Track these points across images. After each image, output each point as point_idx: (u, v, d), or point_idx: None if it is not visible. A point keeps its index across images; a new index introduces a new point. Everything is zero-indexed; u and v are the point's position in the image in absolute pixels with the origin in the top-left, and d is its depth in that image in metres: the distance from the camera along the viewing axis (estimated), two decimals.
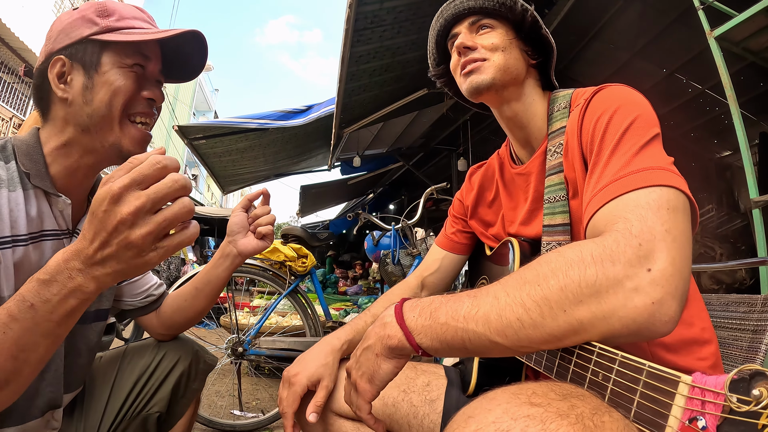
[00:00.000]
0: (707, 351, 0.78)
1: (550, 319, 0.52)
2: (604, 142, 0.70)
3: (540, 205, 0.88)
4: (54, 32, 0.83)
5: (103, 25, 0.81)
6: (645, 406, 0.42)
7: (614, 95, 0.76)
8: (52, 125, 0.83)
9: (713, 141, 5.04)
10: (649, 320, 0.50)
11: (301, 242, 2.55)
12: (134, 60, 0.83)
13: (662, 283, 0.50)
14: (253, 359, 2.31)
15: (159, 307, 1.08)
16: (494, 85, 0.88)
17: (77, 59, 0.80)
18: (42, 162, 0.80)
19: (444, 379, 0.97)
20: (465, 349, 0.57)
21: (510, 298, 0.54)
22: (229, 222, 1.05)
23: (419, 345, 0.60)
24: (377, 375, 0.65)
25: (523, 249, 0.88)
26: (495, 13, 0.90)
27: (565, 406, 0.42)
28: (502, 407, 0.43)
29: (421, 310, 0.61)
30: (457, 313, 0.57)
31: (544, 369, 0.59)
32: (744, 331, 0.98)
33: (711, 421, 0.36)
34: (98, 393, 0.99)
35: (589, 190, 0.68)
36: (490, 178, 1.08)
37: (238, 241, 1.04)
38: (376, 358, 0.65)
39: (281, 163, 7.97)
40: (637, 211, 0.56)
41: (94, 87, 0.80)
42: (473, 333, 0.55)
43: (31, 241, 0.77)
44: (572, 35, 3.89)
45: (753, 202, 1.69)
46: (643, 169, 0.61)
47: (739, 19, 1.95)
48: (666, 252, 0.52)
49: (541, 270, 0.54)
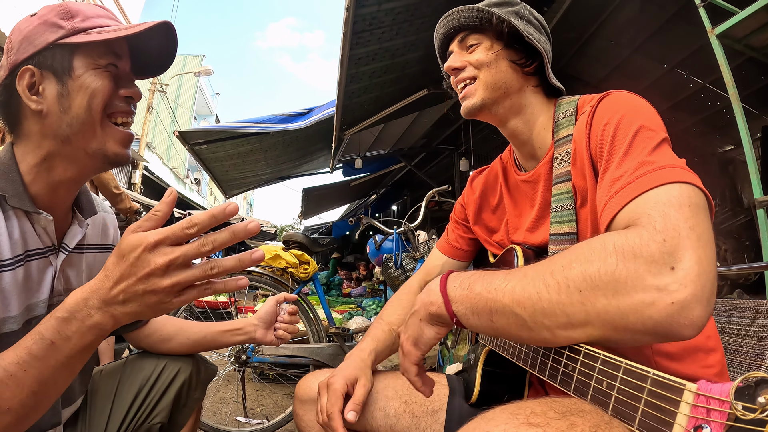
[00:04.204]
0: (713, 359, 0.76)
1: (566, 296, 0.53)
2: (614, 146, 0.69)
3: (547, 213, 0.87)
4: (15, 42, 0.76)
5: (69, 27, 0.77)
6: (650, 414, 0.41)
7: (621, 101, 0.75)
8: (27, 141, 0.78)
9: (715, 136, 5.03)
10: (668, 321, 0.48)
11: (303, 248, 2.55)
12: (107, 60, 0.79)
13: (686, 284, 0.48)
14: (256, 366, 2.31)
15: (145, 324, 1.07)
16: (485, 105, 0.89)
17: (46, 67, 0.75)
18: (19, 181, 0.76)
19: (446, 389, 0.96)
20: (491, 321, 0.60)
21: (536, 275, 0.57)
22: (263, 310, 1.19)
23: (455, 313, 0.64)
24: (421, 339, 0.71)
25: (528, 256, 0.87)
26: (479, 28, 0.90)
27: (564, 425, 0.42)
28: (500, 428, 0.43)
29: (461, 282, 0.65)
30: (490, 285, 0.60)
31: (548, 377, 0.58)
32: (749, 337, 0.96)
33: (716, 429, 0.35)
34: (100, 406, 0.98)
35: (603, 194, 0.67)
36: (492, 184, 1.07)
37: (260, 329, 1.16)
38: (420, 323, 0.71)
39: (283, 166, 7.99)
40: (658, 208, 0.55)
41: (69, 93, 0.76)
42: (500, 304, 0.58)
43: (17, 265, 0.74)
44: (572, 32, 3.88)
45: (758, 202, 1.66)
46: (660, 168, 0.60)
47: (741, 16, 1.94)
48: (692, 251, 0.50)
49: (567, 256, 0.56)
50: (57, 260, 0.82)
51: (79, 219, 0.88)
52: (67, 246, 0.84)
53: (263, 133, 5.73)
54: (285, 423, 2.23)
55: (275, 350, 2.27)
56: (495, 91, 0.88)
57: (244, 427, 2.25)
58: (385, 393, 0.94)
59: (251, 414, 2.42)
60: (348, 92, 4.00)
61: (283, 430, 2.25)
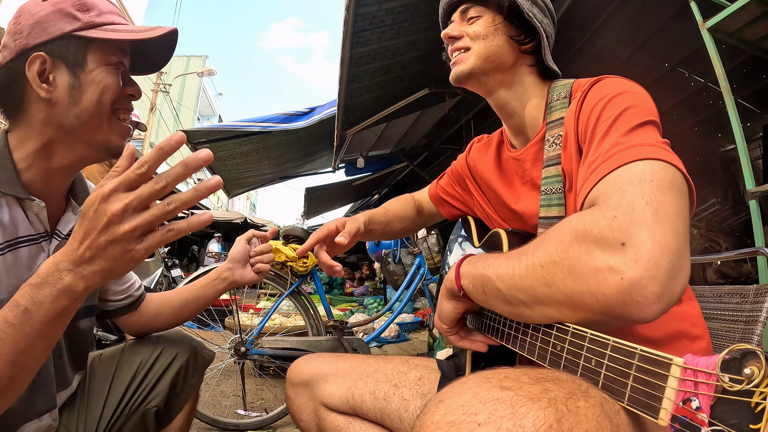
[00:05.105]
0: (697, 346, 0.76)
1: (531, 271, 0.57)
2: (596, 128, 0.70)
3: (535, 190, 0.88)
4: (24, 25, 0.76)
5: (85, 20, 0.77)
6: (639, 389, 0.42)
7: (611, 85, 0.76)
8: (27, 127, 0.78)
9: (717, 134, 4.99)
10: (620, 298, 0.48)
11: (302, 243, 2.56)
12: (118, 57, 0.81)
13: (638, 259, 0.48)
14: (256, 359, 2.33)
15: (137, 308, 1.08)
16: (474, 73, 0.90)
17: (59, 56, 0.76)
18: (12, 168, 0.76)
19: (437, 373, 0.97)
20: (484, 293, 0.66)
21: (517, 254, 0.61)
22: (232, 250, 1.16)
23: (462, 286, 0.70)
24: (442, 313, 0.77)
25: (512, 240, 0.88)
26: (482, 1, 0.91)
27: (537, 389, 0.42)
28: (472, 391, 0.44)
29: (471, 261, 0.71)
30: (486, 263, 0.66)
31: (538, 357, 0.59)
32: (737, 322, 0.97)
33: (704, 402, 0.36)
34: (98, 389, 1.00)
35: (581, 178, 0.68)
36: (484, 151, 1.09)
37: (236, 270, 1.15)
38: (441, 299, 0.77)
39: (285, 166, 8.00)
40: (617, 186, 0.56)
41: (81, 86, 0.77)
42: (488, 278, 0.64)
43: (8, 250, 0.74)
44: (573, 32, 3.87)
45: (750, 193, 1.67)
46: (630, 147, 0.61)
47: (732, 9, 1.92)
48: (644, 226, 0.50)
49: (540, 238, 0.61)
50: (50, 246, 0.83)
51: (73, 206, 0.89)
52: (60, 232, 0.85)
53: (265, 133, 5.73)
54: (284, 415, 2.25)
55: (274, 343, 2.29)
56: (486, 61, 0.89)
57: (244, 419, 2.27)
58: (375, 377, 0.96)
59: (251, 407, 2.44)
60: (349, 91, 4.01)
61: (281, 422, 2.27)
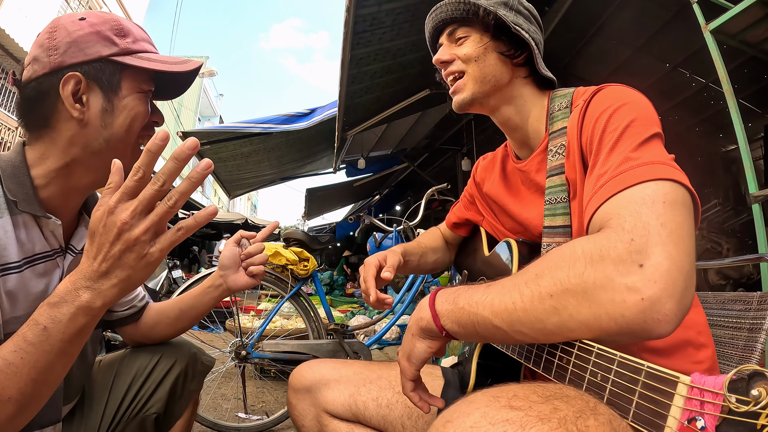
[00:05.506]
0: (703, 355, 0.76)
1: (538, 303, 0.54)
2: (603, 141, 0.69)
3: (538, 195, 0.88)
4: (61, 42, 0.75)
5: (123, 46, 0.78)
6: (644, 406, 0.42)
7: (613, 95, 0.75)
8: (52, 144, 0.77)
9: (718, 135, 4.98)
10: (641, 317, 0.49)
11: (303, 246, 2.56)
12: (148, 86, 0.82)
13: (656, 279, 0.48)
14: (256, 362, 2.32)
15: (138, 319, 1.08)
16: (475, 99, 0.90)
17: (94, 78, 0.76)
18: (29, 185, 0.75)
19: (441, 380, 0.97)
20: (476, 332, 0.62)
21: (512, 286, 0.58)
22: (221, 255, 1.10)
23: (443, 326, 0.66)
24: (413, 353, 0.71)
25: (522, 251, 0.87)
26: (467, 21, 0.90)
27: (546, 409, 0.41)
28: (481, 411, 0.42)
29: (446, 297, 0.67)
30: (471, 299, 0.62)
31: (543, 370, 0.58)
32: (740, 329, 0.96)
33: (710, 422, 0.35)
34: (97, 396, 1.00)
35: (588, 190, 0.67)
36: (490, 168, 1.09)
37: (228, 276, 1.09)
38: (412, 338, 0.72)
39: (286, 167, 8.01)
40: (630, 207, 0.55)
41: (114, 111, 0.78)
42: (481, 317, 0.60)
43: (26, 267, 0.75)
44: (573, 33, 3.87)
45: (753, 197, 1.66)
46: (640, 165, 0.60)
47: (734, 11, 1.92)
48: (661, 246, 0.50)
49: (540, 264, 0.58)
50: (64, 262, 0.83)
51: (86, 221, 0.89)
52: (75, 248, 0.86)
53: (266, 134, 5.73)
54: (285, 418, 2.24)
55: (275, 346, 2.28)
56: (484, 84, 0.88)
57: (244, 422, 2.26)
58: (378, 383, 0.95)
59: (252, 410, 2.43)
60: (350, 92, 4.01)
61: (282, 425, 2.26)
